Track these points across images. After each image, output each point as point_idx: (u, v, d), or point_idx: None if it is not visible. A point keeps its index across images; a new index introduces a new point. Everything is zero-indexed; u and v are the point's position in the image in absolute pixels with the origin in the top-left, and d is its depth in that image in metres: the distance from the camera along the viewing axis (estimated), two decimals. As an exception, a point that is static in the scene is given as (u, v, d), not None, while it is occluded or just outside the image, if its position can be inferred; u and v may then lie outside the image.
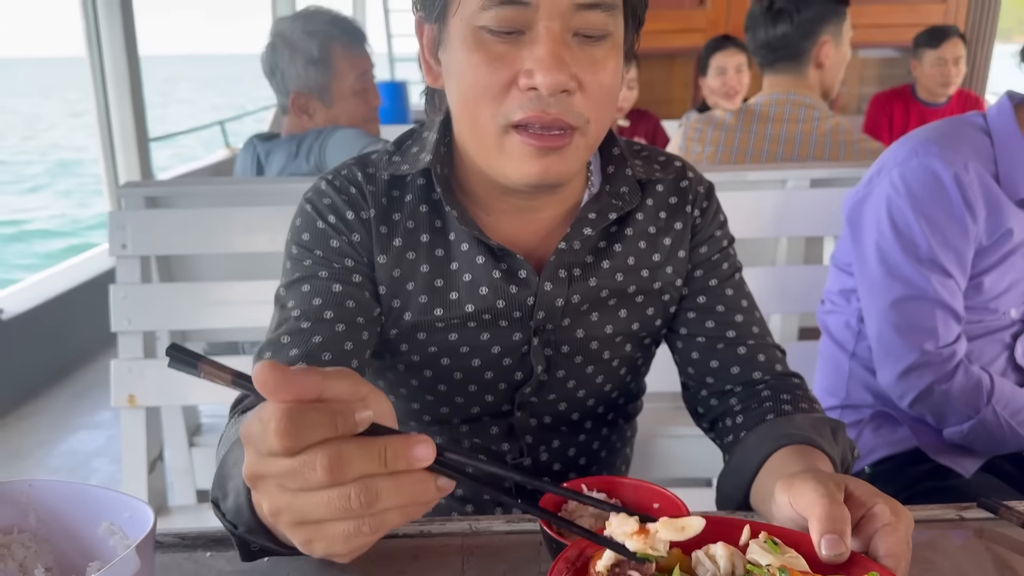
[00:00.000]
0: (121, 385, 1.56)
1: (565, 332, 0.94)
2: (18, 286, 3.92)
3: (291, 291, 0.90)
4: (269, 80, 1.85)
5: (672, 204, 0.97)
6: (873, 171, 1.30)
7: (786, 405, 0.90)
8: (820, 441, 0.80)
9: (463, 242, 0.91)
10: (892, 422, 1.31)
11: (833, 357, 1.40)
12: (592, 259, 0.93)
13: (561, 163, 0.82)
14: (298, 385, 0.46)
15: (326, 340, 0.86)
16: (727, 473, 0.86)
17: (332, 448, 0.45)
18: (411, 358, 0.95)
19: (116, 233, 1.55)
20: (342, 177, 0.93)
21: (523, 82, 0.78)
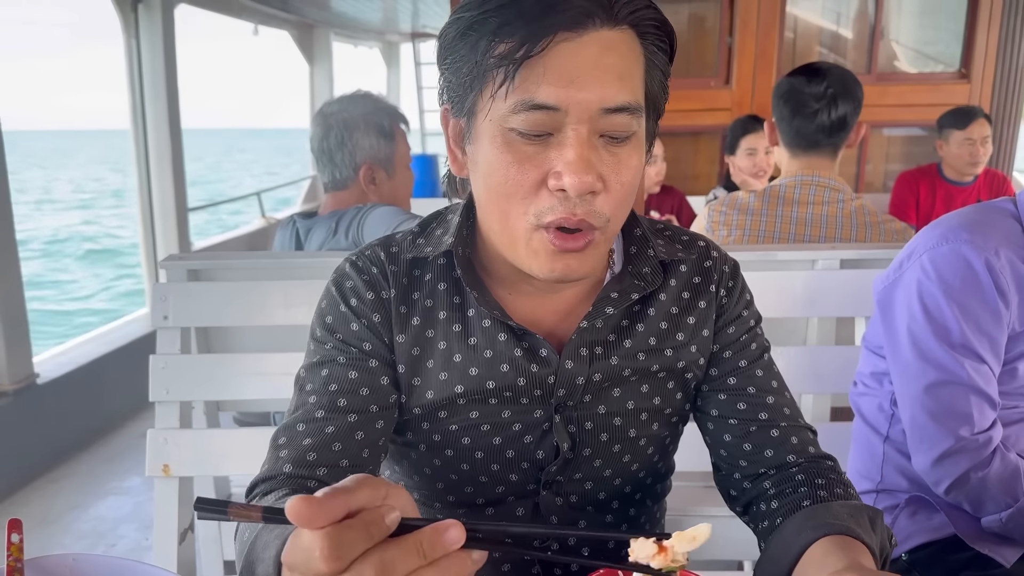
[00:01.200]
0: (156, 455, 1.58)
1: (587, 409, 0.95)
2: (55, 350, 3.99)
3: (310, 374, 0.93)
4: (323, 157, 1.95)
5: (696, 284, 0.98)
6: (904, 255, 1.31)
7: (821, 491, 0.90)
8: (859, 531, 0.79)
9: (484, 319, 0.93)
10: (929, 508, 1.29)
11: (867, 440, 1.38)
12: (614, 337, 0.95)
13: (582, 262, 0.85)
14: (329, 510, 0.49)
15: (338, 430, 0.89)
16: (764, 562, 0.85)
17: (375, 558, 0.49)
18: (432, 437, 0.96)
19: (158, 304, 1.59)
20: (365, 258, 0.96)
21: (552, 183, 0.80)
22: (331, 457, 0.87)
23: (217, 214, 15.47)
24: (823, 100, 1.91)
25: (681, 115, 4.64)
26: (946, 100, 4.51)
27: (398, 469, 1.04)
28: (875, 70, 4.96)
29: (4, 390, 3.33)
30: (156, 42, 4.65)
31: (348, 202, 1.94)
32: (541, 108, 0.78)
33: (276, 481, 0.85)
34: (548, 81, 0.78)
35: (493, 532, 0.55)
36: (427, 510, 1.03)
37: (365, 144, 1.94)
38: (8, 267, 3.35)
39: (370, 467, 0.90)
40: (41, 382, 3.53)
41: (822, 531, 0.79)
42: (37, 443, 3.47)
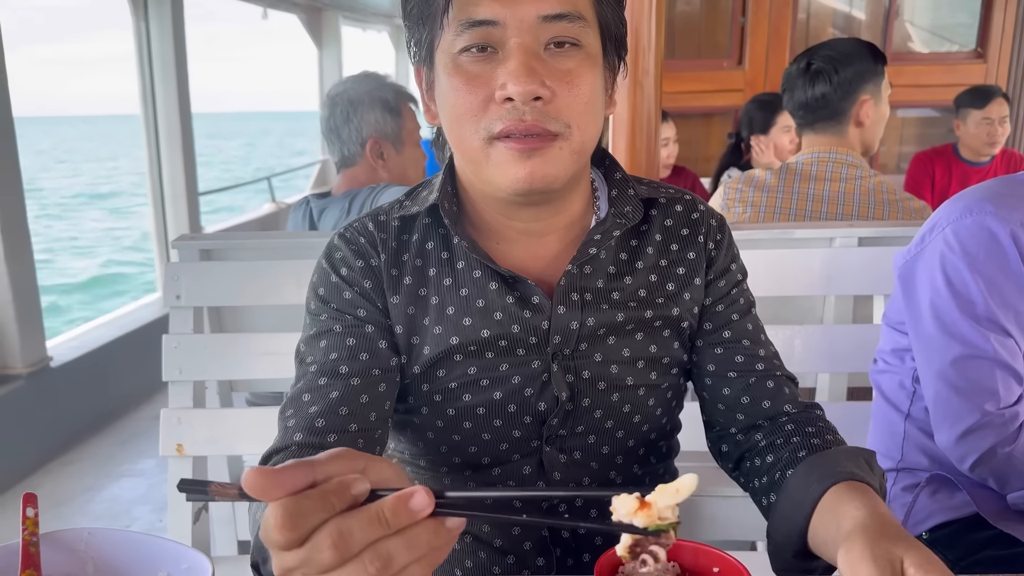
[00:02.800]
0: (170, 434, 1.57)
1: (584, 357, 0.95)
2: (68, 335, 4.01)
3: (309, 346, 0.94)
4: (331, 136, 1.97)
5: (684, 235, 1.00)
6: (925, 230, 1.29)
7: (815, 439, 0.92)
8: (863, 475, 0.81)
9: (474, 270, 0.94)
10: (950, 486, 1.27)
11: (887, 418, 1.37)
12: (603, 284, 0.96)
13: (546, 165, 0.86)
14: (286, 481, 0.48)
15: (343, 395, 0.89)
16: (778, 521, 0.85)
17: (331, 526, 0.47)
18: (433, 398, 0.96)
19: (171, 284, 1.58)
20: (353, 230, 0.98)
21: (499, 94, 0.83)
22: (339, 422, 0.87)
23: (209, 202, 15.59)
24: (802, 76, 1.97)
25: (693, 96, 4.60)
26: (962, 80, 4.46)
27: (402, 438, 1.03)
28: (889, 50, 4.90)
29: (17, 373, 3.34)
30: (165, 25, 4.63)
31: (360, 180, 1.95)
32: (480, 24, 0.83)
33: (288, 452, 0.85)
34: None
35: (470, 499, 0.53)
36: (434, 475, 1.02)
37: (370, 119, 1.97)
38: (20, 251, 3.36)
39: (378, 431, 0.90)
40: (54, 365, 3.55)
41: (829, 481, 0.80)
42: (50, 426, 3.49)
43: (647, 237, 0.99)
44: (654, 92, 1.80)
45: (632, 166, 1.83)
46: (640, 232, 0.99)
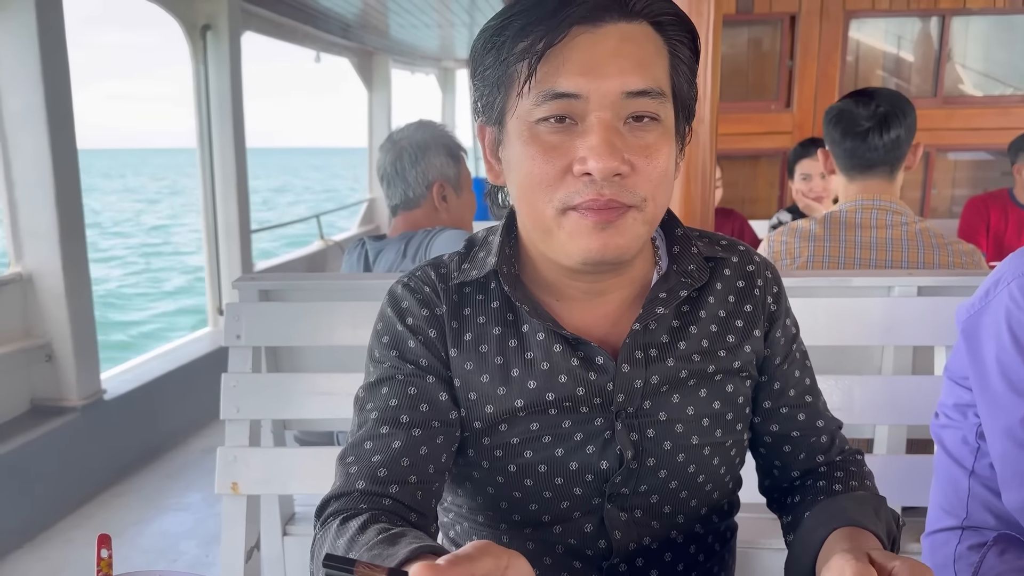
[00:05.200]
0: (226, 473, 1.60)
1: (648, 416, 0.95)
2: (121, 367, 4.09)
3: (370, 393, 0.95)
4: (396, 179, 2.05)
5: (740, 287, 1.00)
6: (990, 283, 1.26)
7: (837, 484, 0.97)
8: (864, 520, 0.85)
9: (538, 332, 0.94)
10: (1019, 546, 1.23)
11: (950, 474, 1.33)
12: (667, 339, 0.96)
13: (620, 236, 0.85)
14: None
15: (404, 445, 0.90)
16: (791, 562, 0.89)
17: None
18: (494, 453, 0.96)
19: (231, 324, 1.62)
20: (416, 278, 0.99)
21: (577, 168, 0.83)
22: (400, 473, 0.88)
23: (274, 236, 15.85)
24: (873, 120, 1.91)
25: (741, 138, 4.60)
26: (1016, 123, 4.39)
27: (461, 492, 1.03)
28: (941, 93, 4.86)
29: (73, 406, 3.42)
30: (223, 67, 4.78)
31: (419, 223, 1.99)
32: (562, 96, 0.82)
33: (350, 498, 0.86)
34: (568, 70, 0.81)
35: None
36: (492, 531, 1.02)
37: (436, 163, 2.03)
38: (80, 286, 3.46)
39: (436, 483, 0.91)
40: (107, 398, 3.62)
41: (831, 526, 0.85)
42: (103, 458, 3.55)
43: (706, 289, 0.99)
44: (709, 140, 1.81)
45: (686, 214, 1.83)
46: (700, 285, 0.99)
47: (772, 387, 1.02)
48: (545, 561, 0.99)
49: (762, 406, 1.03)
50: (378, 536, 0.74)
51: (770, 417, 1.03)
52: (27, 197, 3.31)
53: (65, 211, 3.34)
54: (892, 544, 0.88)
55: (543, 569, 1.00)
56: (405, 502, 0.86)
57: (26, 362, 3.35)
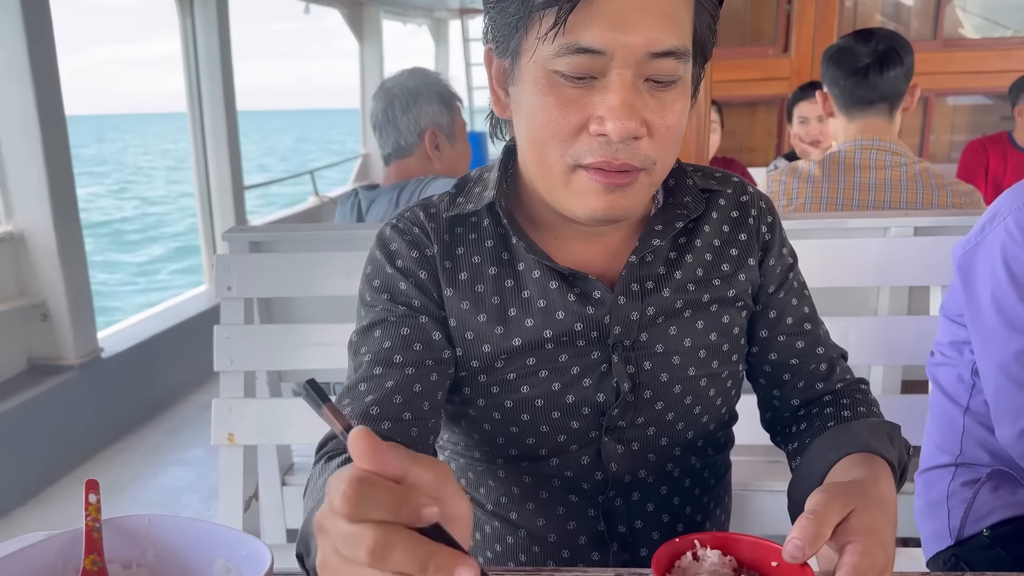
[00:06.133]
0: (221, 423, 1.60)
1: (644, 348, 0.95)
2: (118, 326, 4.10)
3: (363, 337, 0.94)
4: (387, 127, 2.02)
5: (734, 218, 1.00)
6: (985, 219, 1.25)
7: (845, 411, 0.95)
8: (878, 447, 0.83)
9: (533, 270, 0.93)
10: (1012, 482, 1.24)
11: (945, 412, 1.33)
12: (664, 271, 0.95)
13: (626, 199, 0.85)
14: (384, 459, 0.47)
15: (397, 384, 0.89)
16: (795, 485, 0.88)
17: (382, 533, 0.45)
18: (491, 389, 0.96)
19: (222, 276, 1.61)
20: (405, 219, 0.97)
21: (594, 128, 0.80)
22: (393, 410, 0.87)
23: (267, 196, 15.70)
24: (873, 56, 1.90)
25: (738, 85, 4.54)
26: (1016, 66, 4.33)
27: (456, 430, 1.03)
28: (940, 36, 4.78)
29: (70, 364, 3.42)
30: (211, 23, 4.70)
31: (412, 172, 1.97)
32: (586, 52, 0.78)
33: None
34: (595, 24, 0.77)
35: None
36: (489, 467, 1.02)
37: (429, 110, 1.99)
38: (72, 244, 3.44)
39: (431, 420, 0.90)
40: (105, 356, 3.62)
41: (844, 451, 0.83)
42: (102, 415, 3.57)
43: (701, 220, 0.98)
44: (705, 84, 1.78)
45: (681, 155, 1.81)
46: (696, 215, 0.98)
47: (768, 316, 1.01)
48: (542, 495, 1.00)
49: (759, 336, 1.02)
50: None
51: (767, 346, 1.02)
52: (14, 154, 3.27)
53: (54, 168, 3.30)
54: (902, 472, 0.88)
55: (539, 503, 1.00)
56: (398, 439, 0.86)
57: (21, 321, 3.35)
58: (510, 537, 1.04)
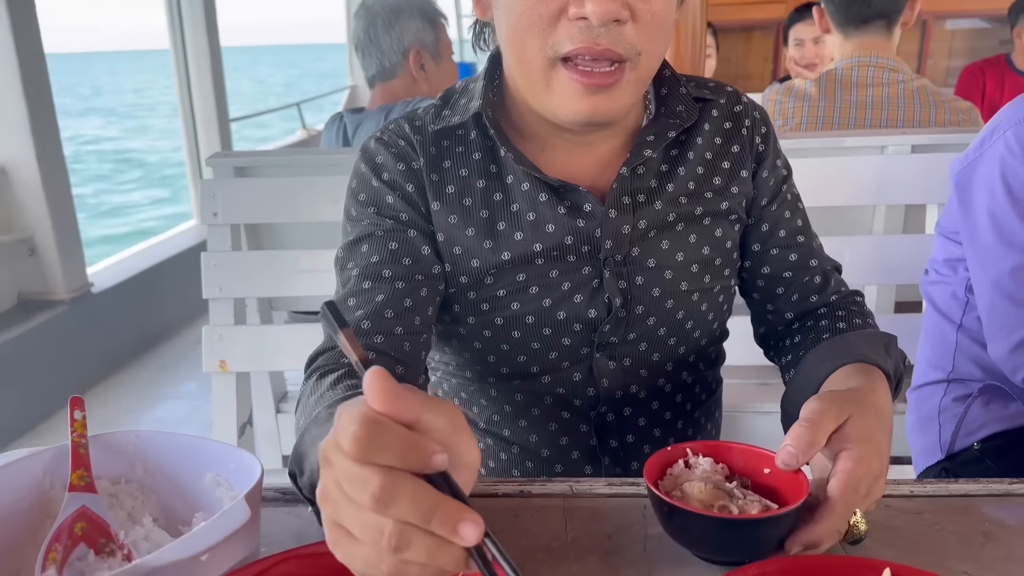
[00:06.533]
0: (212, 351, 1.59)
1: (636, 263, 0.93)
2: (108, 261, 4.07)
3: (350, 252, 0.92)
4: (369, 48, 1.95)
5: (727, 129, 0.98)
6: (985, 133, 1.22)
7: (841, 323, 0.94)
8: (875, 357, 0.82)
9: (522, 182, 0.91)
10: (1003, 397, 1.24)
11: (939, 329, 1.33)
12: (656, 183, 0.93)
13: (611, 101, 0.82)
14: (399, 403, 0.45)
15: (388, 299, 0.87)
16: (788, 395, 0.88)
17: (388, 479, 0.44)
18: (481, 307, 0.94)
19: (207, 201, 1.58)
20: (390, 132, 0.94)
21: (573, 11, 0.78)
22: (385, 325, 0.86)
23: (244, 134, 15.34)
24: None
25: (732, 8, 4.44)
26: (1017, -13, 4.23)
27: (447, 349, 1.02)
28: (940, -44, 4.66)
29: (61, 299, 3.40)
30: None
31: (397, 94, 1.91)
32: None
33: (333, 353, 0.84)
34: None
35: (499, 563, 0.47)
36: (480, 385, 1.01)
37: (412, 27, 1.93)
38: (56, 178, 3.38)
39: (423, 335, 0.89)
40: (96, 291, 3.60)
41: (840, 361, 0.82)
42: (95, 351, 3.56)
43: (694, 131, 0.96)
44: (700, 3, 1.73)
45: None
46: (688, 126, 0.95)
47: (760, 229, 1.00)
48: (534, 412, 1.00)
49: (751, 249, 1.01)
50: (346, 393, 0.73)
51: (760, 260, 1.01)
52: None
53: (34, 101, 3.23)
54: (898, 383, 0.87)
55: (531, 420, 1.00)
56: (391, 353, 0.85)
57: (8, 256, 3.32)
58: (503, 454, 1.04)
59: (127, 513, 0.76)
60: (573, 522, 0.80)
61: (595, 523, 0.79)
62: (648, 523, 0.79)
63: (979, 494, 0.82)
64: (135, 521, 0.75)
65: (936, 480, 0.85)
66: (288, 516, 0.82)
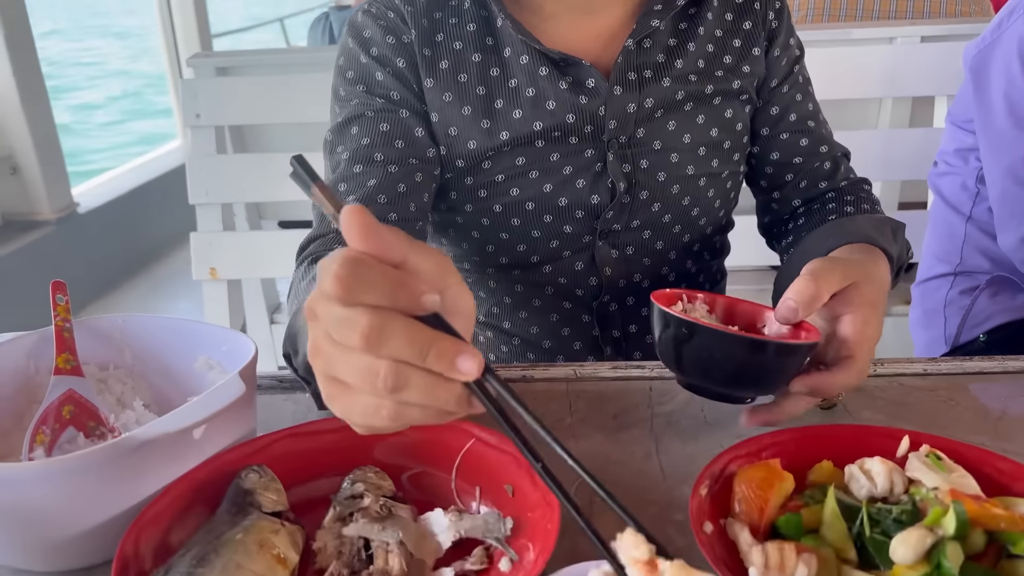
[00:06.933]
0: (202, 258, 1.56)
1: (642, 145, 0.89)
2: (94, 181, 3.98)
3: (339, 135, 0.87)
4: None
5: (740, 3, 0.92)
6: (1003, 15, 1.17)
7: (849, 207, 0.90)
8: (879, 239, 0.78)
9: (521, 56, 0.86)
10: (1012, 288, 1.22)
11: (946, 222, 1.30)
12: (663, 59, 0.88)
13: None
14: (382, 241, 0.41)
15: (380, 183, 0.83)
16: (784, 272, 0.85)
17: (378, 317, 0.41)
18: (478, 193, 0.90)
19: (189, 103, 1.51)
20: (379, 4, 0.88)
21: None
22: (378, 211, 0.81)
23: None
24: None
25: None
26: None
27: (445, 240, 0.98)
28: None
29: (46, 219, 3.33)
30: None
31: None
32: None
33: (327, 239, 0.80)
34: None
35: (505, 397, 0.44)
36: (480, 276, 0.98)
37: None
38: (35, 95, 3.27)
39: (418, 223, 0.85)
40: (82, 211, 3.53)
41: (844, 239, 0.78)
42: (84, 272, 3.51)
43: (704, 4, 0.90)
44: None
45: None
46: None
47: (770, 112, 0.95)
48: (535, 303, 0.97)
49: (760, 134, 0.96)
50: None
51: (769, 144, 0.96)
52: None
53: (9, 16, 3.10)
54: (899, 271, 0.84)
55: (532, 311, 0.97)
56: None
57: (-10, 176, 3.24)
58: (504, 346, 1.01)
59: (116, 398, 0.73)
60: (578, 404, 0.78)
61: (600, 405, 0.77)
62: (654, 403, 0.77)
63: (995, 371, 0.80)
64: (125, 406, 0.73)
65: (950, 358, 0.83)
66: (286, 403, 0.80)
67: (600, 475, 0.43)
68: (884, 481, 0.57)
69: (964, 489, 0.55)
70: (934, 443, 0.60)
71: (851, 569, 0.52)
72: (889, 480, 0.57)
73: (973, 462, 0.59)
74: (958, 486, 0.55)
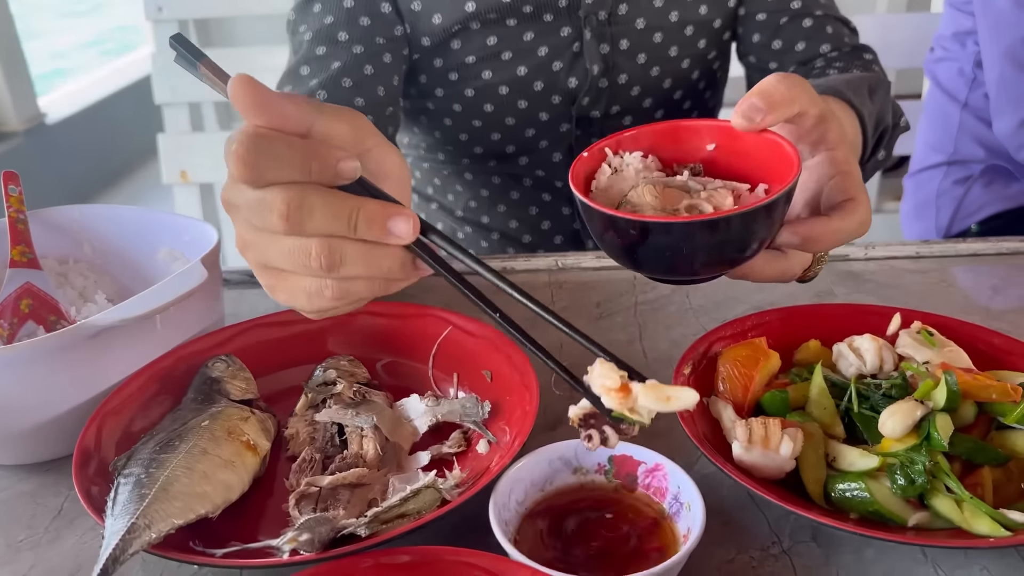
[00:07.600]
0: (171, 161, 1.49)
1: (623, 23, 0.82)
2: (60, 92, 3.85)
3: (301, 14, 0.81)
4: None
5: None
6: None
7: (831, 70, 0.81)
8: (848, 94, 0.66)
9: None
10: (1006, 176, 1.19)
11: (941, 109, 1.26)
12: None
13: None
14: (278, 110, 0.37)
15: (345, 65, 0.77)
16: None
17: (293, 193, 0.37)
18: (448, 76, 0.85)
19: (150, -5, 1.43)
20: None
21: None
22: (343, 95, 0.77)
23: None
24: None
25: None
26: None
27: (417, 129, 0.93)
28: None
29: (13, 130, 3.23)
30: None
31: None
32: None
33: None
34: None
35: (454, 244, 0.41)
36: (454, 168, 0.94)
37: None
38: (-6, 0, 3.12)
39: (388, 108, 0.80)
40: (50, 123, 3.42)
41: None
42: (54, 184, 3.42)
43: None
44: None
45: None
46: None
47: None
48: (512, 195, 0.93)
49: (755, 18, 0.87)
50: None
51: (755, 7, 0.87)
52: None
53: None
54: (880, 136, 0.75)
55: (510, 205, 0.94)
56: None
57: (-49, 85, 3.12)
58: (483, 242, 0.98)
59: (78, 292, 0.70)
60: (560, 293, 0.76)
61: (583, 294, 0.75)
62: (638, 291, 0.75)
63: (988, 252, 0.78)
64: (87, 299, 0.69)
65: (943, 240, 0.81)
66: (257, 297, 0.77)
67: (582, 360, 0.41)
68: (874, 358, 0.55)
69: (956, 363, 0.54)
70: (926, 319, 0.59)
71: (838, 444, 0.50)
72: (879, 357, 0.55)
73: (966, 337, 0.57)
74: (950, 360, 0.54)
